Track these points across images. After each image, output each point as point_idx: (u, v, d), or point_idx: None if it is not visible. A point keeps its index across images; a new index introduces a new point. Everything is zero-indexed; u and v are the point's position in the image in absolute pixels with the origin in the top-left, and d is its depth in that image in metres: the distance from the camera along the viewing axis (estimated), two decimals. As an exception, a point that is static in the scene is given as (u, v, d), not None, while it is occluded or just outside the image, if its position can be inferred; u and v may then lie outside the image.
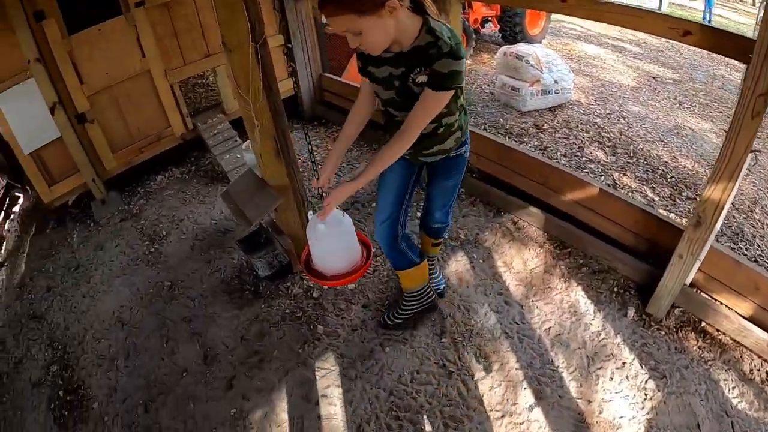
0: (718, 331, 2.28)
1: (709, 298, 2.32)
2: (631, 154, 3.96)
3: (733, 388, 2.09)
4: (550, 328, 2.39)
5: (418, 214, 2.53)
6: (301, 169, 2.68)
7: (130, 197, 3.83)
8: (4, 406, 2.43)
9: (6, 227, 3.94)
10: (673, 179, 3.67)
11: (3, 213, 4.06)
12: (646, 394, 2.08)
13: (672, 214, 3.23)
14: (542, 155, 3.77)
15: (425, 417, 2.09)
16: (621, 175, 3.70)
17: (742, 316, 2.23)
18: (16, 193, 4.37)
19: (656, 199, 3.46)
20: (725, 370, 2.15)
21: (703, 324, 2.32)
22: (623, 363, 2.19)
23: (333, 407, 2.17)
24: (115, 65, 3.43)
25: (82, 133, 3.44)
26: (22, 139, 3.23)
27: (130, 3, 3.34)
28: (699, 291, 2.35)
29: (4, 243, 3.74)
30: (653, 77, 6.20)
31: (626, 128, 4.48)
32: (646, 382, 2.13)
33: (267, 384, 2.29)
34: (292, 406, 2.19)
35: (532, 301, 2.54)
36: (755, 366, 2.16)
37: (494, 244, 2.90)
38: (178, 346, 2.53)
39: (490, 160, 3.12)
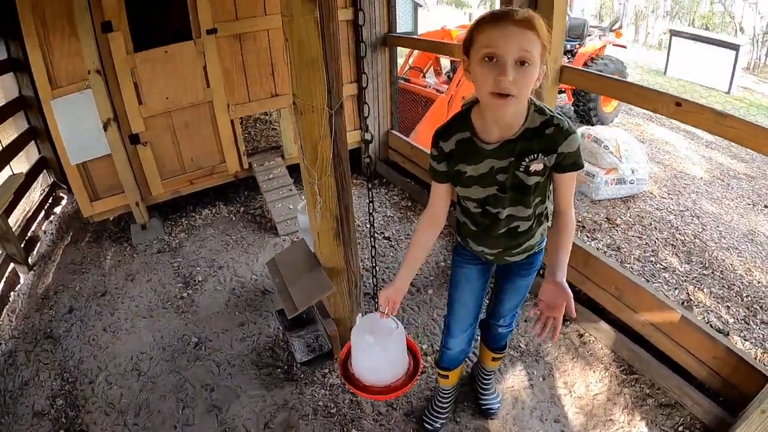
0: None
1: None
2: (707, 264, 3.67)
3: None
4: (608, 472, 2.10)
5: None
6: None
7: (172, 227, 3.69)
8: (0, 428, 2.26)
9: (43, 228, 3.86)
10: (749, 299, 3.34)
11: (43, 212, 3.99)
12: None
13: (747, 342, 2.93)
14: (616, 258, 3.49)
15: None
16: (696, 289, 3.38)
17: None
18: (61, 194, 4.31)
19: (731, 320, 3.14)
20: None
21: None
22: None
23: None
24: (177, 90, 3.31)
25: (133, 154, 3.34)
26: (71, 149, 3.15)
27: (201, 29, 3.22)
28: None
29: (38, 245, 3.66)
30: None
31: (700, 230, 4.18)
32: None
33: (286, 492, 2.03)
34: None
35: (592, 435, 2.24)
36: None
37: (556, 359, 2.59)
38: (194, 416, 2.30)
39: (561, 260, 2.82)
